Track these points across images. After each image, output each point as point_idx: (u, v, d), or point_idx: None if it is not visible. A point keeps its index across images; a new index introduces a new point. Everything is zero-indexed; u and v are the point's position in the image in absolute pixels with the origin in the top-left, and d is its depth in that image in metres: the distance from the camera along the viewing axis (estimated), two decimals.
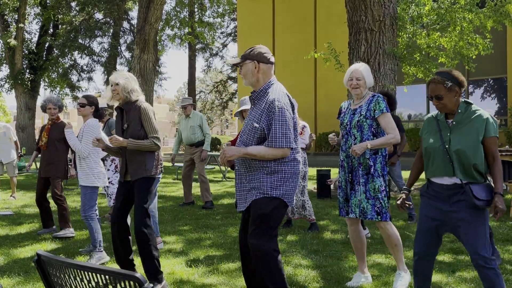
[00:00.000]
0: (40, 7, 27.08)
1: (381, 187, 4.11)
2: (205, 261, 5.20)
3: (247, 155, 3.35)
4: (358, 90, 4.23)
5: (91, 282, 1.81)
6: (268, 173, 3.37)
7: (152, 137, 4.26)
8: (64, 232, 6.41)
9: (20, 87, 25.61)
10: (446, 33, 10.96)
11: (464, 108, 3.26)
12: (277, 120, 3.32)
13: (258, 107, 3.43)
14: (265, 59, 3.47)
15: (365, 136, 4.14)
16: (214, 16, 25.61)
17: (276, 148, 3.32)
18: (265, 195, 3.35)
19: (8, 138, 10.03)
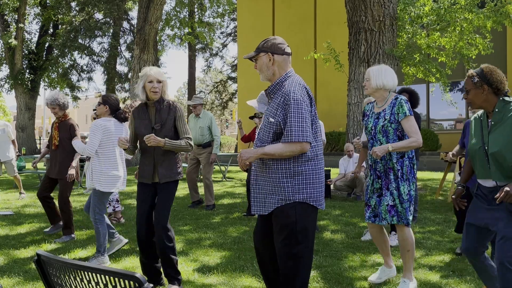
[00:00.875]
0: (40, 7, 27.09)
1: (407, 190, 4.05)
2: (205, 261, 5.20)
3: (265, 155, 3.09)
4: (366, 91, 4.23)
5: (91, 282, 1.81)
6: (288, 176, 3.10)
7: (186, 138, 4.22)
8: (64, 240, 6.23)
9: (20, 87, 25.62)
10: (446, 33, 10.97)
11: (502, 106, 3.13)
12: (293, 112, 3.03)
13: (274, 101, 3.18)
14: (279, 50, 3.20)
15: (391, 141, 4.07)
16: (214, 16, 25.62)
17: (293, 143, 3.03)
18: (288, 201, 3.10)
19: (7, 136, 10.02)
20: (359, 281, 4.46)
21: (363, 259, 5.21)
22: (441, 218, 7.51)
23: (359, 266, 4.97)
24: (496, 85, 3.14)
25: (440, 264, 4.99)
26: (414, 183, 4.12)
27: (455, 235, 6.30)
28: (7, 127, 10.08)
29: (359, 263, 5.09)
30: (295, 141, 3.03)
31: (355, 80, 10.76)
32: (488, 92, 3.14)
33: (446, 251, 5.49)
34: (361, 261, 5.16)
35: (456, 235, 6.24)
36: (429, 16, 10.81)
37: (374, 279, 4.36)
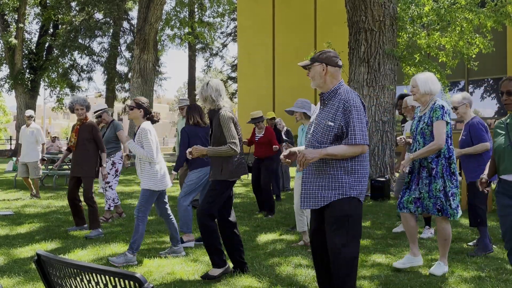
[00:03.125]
0: (40, 7, 27.09)
1: (440, 187, 4.49)
2: (205, 261, 5.19)
3: (328, 155, 3.39)
4: (415, 96, 4.72)
5: (91, 282, 1.81)
6: (346, 173, 3.44)
7: (229, 143, 4.50)
8: (97, 234, 6.43)
9: (20, 87, 25.62)
10: (446, 33, 10.97)
11: None
12: (355, 118, 3.41)
13: (330, 107, 3.51)
14: (333, 62, 3.57)
15: (427, 142, 4.55)
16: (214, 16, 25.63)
17: (355, 145, 3.39)
18: (345, 195, 3.42)
19: (34, 139, 10.10)
20: (359, 281, 4.45)
21: (363, 259, 5.21)
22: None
23: (359, 266, 4.96)
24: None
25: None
26: (453, 180, 4.56)
27: (455, 235, 6.29)
28: (37, 131, 10.19)
29: (359, 263, 5.09)
30: (358, 143, 3.40)
31: (355, 80, 10.76)
32: None
33: None
34: (361, 261, 5.16)
35: (456, 235, 6.23)
36: (429, 16, 10.80)
37: (399, 265, 4.74)
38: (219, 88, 4.66)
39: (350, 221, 3.43)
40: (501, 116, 19.14)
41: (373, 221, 7.39)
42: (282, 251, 5.61)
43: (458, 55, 11.48)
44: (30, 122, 10.26)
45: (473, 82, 19.62)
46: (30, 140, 10.10)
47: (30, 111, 10.55)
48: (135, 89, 18.53)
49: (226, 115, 4.56)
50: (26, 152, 10.13)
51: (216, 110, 4.65)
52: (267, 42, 23.04)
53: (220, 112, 4.59)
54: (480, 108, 18.16)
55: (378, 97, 10.50)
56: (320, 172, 3.48)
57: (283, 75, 22.23)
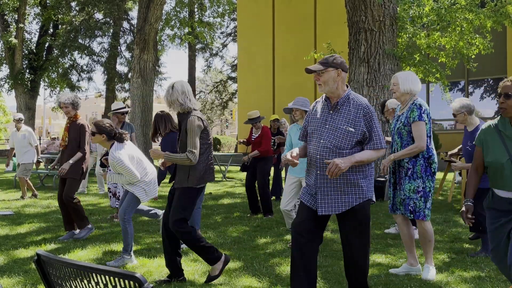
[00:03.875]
0: (40, 7, 27.07)
1: (418, 188, 4.43)
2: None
3: (357, 162, 3.48)
4: (395, 95, 4.66)
5: (91, 282, 1.81)
6: (363, 177, 3.57)
7: (188, 152, 4.33)
8: (85, 233, 6.27)
9: (20, 87, 25.61)
10: (446, 33, 10.96)
11: None
12: (375, 123, 3.56)
13: (345, 113, 3.57)
14: (346, 68, 3.65)
15: (405, 142, 4.50)
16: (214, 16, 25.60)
17: (380, 150, 3.55)
18: (365, 199, 3.58)
19: (27, 142, 10.05)
20: None
21: None
22: (441, 218, 7.51)
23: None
24: None
25: (440, 264, 4.98)
26: (430, 181, 4.46)
27: (455, 235, 6.30)
28: (29, 134, 10.12)
29: None
30: (381, 147, 3.56)
31: (355, 80, 10.76)
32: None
33: (446, 251, 5.49)
34: None
35: (456, 235, 6.23)
36: (429, 16, 10.80)
37: (394, 271, 4.73)
38: (185, 90, 4.41)
39: (367, 222, 3.65)
40: None
41: (373, 221, 7.39)
42: (282, 251, 5.61)
43: (458, 56, 11.47)
44: (20, 125, 10.17)
45: (473, 82, 19.62)
46: (22, 144, 10.02)
47: (19, 114, 10.47)
48: (135, 89, 18.52)
49: (195, 123, 4.33)
50: (21, 154, 10.06)
51: (185, 113, 4.42)
52: (267, 42, 23.03)
53: (189, 116, 4.38)
54: (480, 108, 18.15)
55: (378, 97, 10.50)
56: (340, 178, 3.52)
57: (283, 75, 22.22)
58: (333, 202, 3.55)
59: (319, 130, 3.61)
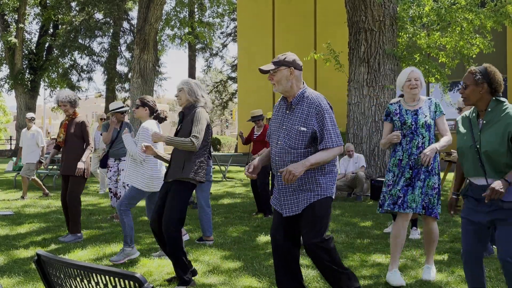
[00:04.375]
0: (40, 7, 27.08)
1: (435, 184, 4.37)
2: (205, 261, 5.20)
3: (313, 165, 3.39)
4: (416, 91, 4.45)
5: (91, 282, 1.81)
6: (322, 174, 3.48)
7: (192, 136, 4.31)
8: (72, 239, 6.16)
9: (20, 87, 25.62)
10: (446, 33, 10.96)
11: (494, 106, 3.17)
12: (329, 121, 3.45)
13: (299, 112, 3.49)
14: (298, 66, 3.56)
15: (431, 135, 4.44)
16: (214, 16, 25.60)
17: (334, 148, 3.43)
18: (323, 196, 3.48)
19: (35, 141, 10.12)
20: (359, 281, 4.45)
21: (363, 259, 5.21)
22: (441, 218, 7.50)
23: (359, 266, 4.96)
24: (495, 85, 3.18)
25: (440, 264, 4.98)
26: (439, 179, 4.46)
27: (455, 235, 6.30)
28: (37, 134, 10.19)
29: (359, 263, 5.09)
30: (333, 146, 3.44)
31: (355, 80, 10.76)
32: (486, 91, 3.17)
33: (446, 251, 5.49)
34: (361, 261, 5.16)
35: (456, 235, 6.23)
36: (429, 16, 10.80)
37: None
38: (203, 87, 4.63)
39: (326, 220, 3.52)
40: None
41: (373, 221, 7.39)
42: None
43: (458, 56, 11.48)
44: (31, 124, 10.27)
45: None
46: (30, 143, 10.12)
47: (32, 114, 10.59)
48: (135, 89, 18.52)
49: (203, 114, 4.43)
50: (26, 153, 10.16)
51: (192, 106, 4.50)
52: (267, 42, 23.04)
53: (197, 108, 4.46)
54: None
55: (378, 97, 10.51)
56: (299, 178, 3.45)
57: None
58: (294, 202, 3.50)
59: (277, 131, 3.57)
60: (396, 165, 4.42)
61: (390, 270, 4.37)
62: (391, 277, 4.32)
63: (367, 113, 10.61)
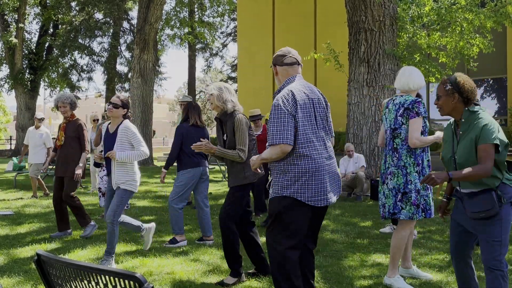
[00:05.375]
0: (40, 7, 27.08)
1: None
2: (205, 261, 5.20)
3: (263, 160, 3.42)
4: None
5: (91, 282, 1.81)
6: (280, 172, 3.37)
7: (239, 149, 4.49)
8: (90, 231, 6.30)
9: (20, 87, 25.62)
10: (447, 33, 10.96)
11: (467, 116, 3.18)
12: (272, 117, 3.29)
13: None
14: (278, 61, 3.51)
15: None
16: (214, 16, 25.61)
17: (273, 146, 3.26)
18: (277, 194, 3.37)
19: (42, 141, 10.10)
20: (359, 281, 4.46)
21: (363, 259, 5.21)
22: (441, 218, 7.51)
23: (359, 266, 4.97)
24: (466, 94, 3.16)
25: (440, 264, 4.98)
26: None
27: None
28: (46, 135, 10.17)
29: (359, 263, 5.09)
30: (274, 143, 3.26)
31: (355, 80, 10.76)
32: (458, 101, 3.17)
33: (446, 251, 5.48)
34: (361, 261, 5.16)
35: None
36: (429, 16, 10.80)
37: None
38: (232, 91, 4.68)
39: (280, 219, 3.35)
40: (501, 116, 19.16)
41: (373, 221, 7.39)
42: None
43: (458, 55, 11.48)
44: (40, 125, 10.27)
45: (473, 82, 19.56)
46: (38, 142, 10.10)
47: (41, 114, 10.60)
48: (135, 89, 18.53)
49: (243, 121, 4.53)
50: (34, 153, 10.13)
51: (229, 113, 4.58)
52: (267, 42, 23.04)
53: (235, 115, 4.55)
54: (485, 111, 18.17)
55: (378, 97, 10.51)
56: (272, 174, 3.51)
57: None
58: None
59: None
60: (428, 166, 4.32)
61: (392, 276, 4.31)
62: (398, 282, 4.28)
63: (367, 113, 10.61)
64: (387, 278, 4.32)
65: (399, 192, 4.23)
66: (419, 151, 4.21)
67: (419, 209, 4.22)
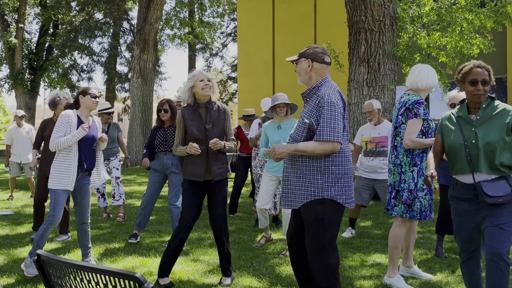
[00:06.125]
0: (40, 7, 27.08)
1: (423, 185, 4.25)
2: (205, 261, 5.20)
3: (297, 151, 3.30)
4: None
5: (91, 282, 1.81)
6: (319, 172, 3.29)
7: (231, 139, 4.48)
8: (66, 238, 6.23)
9: (20, 87, 25.61)
10: (447, 33, 10.96)
11: (487, 103, 3.25)
12: (326, 114, 3.27)
13: (309, 104, 3.41)
14: (319, 59, 3.46)
15: None
16: (214, 16, 25.61)
17: (324, 142, 3.24)
18: (319, 197, 3.28)
19: (29, 139, 9.90)
20: (359, 281, 4.46)
21: (363, 259, 5.21)
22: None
23: (359, 266, 4.97)
24: (491, 83, 3.28)
25: (440, 264, 4.99)
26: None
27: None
28: (32, 131, 10.02)
29: (359, 263, 5.09)
30: (326, 140, 3.24)
31: (355, 80, 10.76)
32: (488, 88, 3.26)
33: (446, 251, 5.48)
34: (361, 261, 5.16)
35: None
36: (429, 16, 10.80)
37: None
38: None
39: (323, 224, 3.27)
40: None
41: (373, 221, 7.39)
42: (282, 251, 5.61)
43: (459, 55, 11.47)
44: (22, 122, 10.06)
45: None
46: (26, 140, 9.92)
47: (21, 111, 10.37)
48: (135, 89, 18.53)
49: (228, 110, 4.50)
50: (24, 152, 9.93)
51: (213, 102, 4.45)
52: (267, 42, 23.04)
53: (224, 106, 4.51)
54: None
55: (378, 97, 10.50)
56: (296, 171, 3.37)
57: (283, 75, 22.22)
58: (291, 196, 3.41)
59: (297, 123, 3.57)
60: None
61: (392, 275, 4.32)
62: (398, 282, 4.28)
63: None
64: (387, 278, 4.32)
65: (394, 189, 4.27)
66: (417, 152, 4.19)
67: (410, 209, 4.23)
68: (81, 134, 4.65)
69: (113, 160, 7.66)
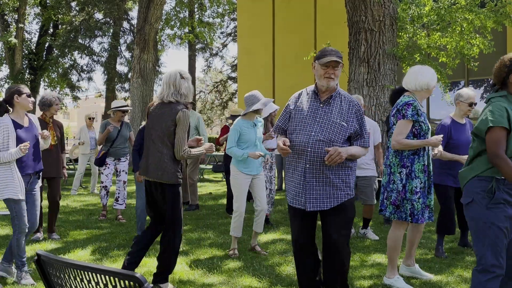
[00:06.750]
0: (40, 7, 27.07)
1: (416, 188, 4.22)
2: (205, 261, 5.19)
3: (350, 155, 3.50)
4: None
5: (91, 282, 1.81)
6: (352, 173, 3.60)
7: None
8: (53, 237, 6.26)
9: None
10: (447, 33, 10.96)
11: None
12: (365, 122, 3.63)
13: (336, 107, 3.57)
14: None
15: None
16: (214, 16, 25.60)
17: (367, 148, 3.61)
18: (352, 196, 3.60)
19: None
20: (359, 281, 4.46)
21: (363, 259, 5.21)
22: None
23: (359, 266, 4.97)
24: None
25: (440, 264, 4.98)
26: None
27: (455, 235, 6.29)
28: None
29: (359, 263, 5.09)
30: (368, 146, 3.62)
31: (355, 80, 10.76)
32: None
33: (446, 251, 5.48)
34: (361, 261, 5.16)
35: (456, 235, 6.23)
36: (429, 16, 10.80)
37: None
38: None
39: (352, 223, 3.70)
40: None
41: (373, 221, 7.39)
42: (282, 251, 5.61)
43: (459, 55, 11.47)
44: None
45: (473, 82, 19.61)
46: None
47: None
48: (135, 89, 18.52)
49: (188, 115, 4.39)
50: None
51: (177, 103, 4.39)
52: (267, 42, 23.04)
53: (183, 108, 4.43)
54: (480, 108, 18.14)
55: (378, 97, 10.50)
56: (328, 172, 3.48)
57: (283, 75, 22.22)
58: (321, 197, 3.50)
59: (308, 123, 3.55)
60: (423, 171, 4.21)
61: (391, 276, 4.32)
62: (397, 282, 4.27)
63: (367, 113, 10.60)
64: (386, 278, 4.32)
65: (385, 190, 4.30)
66: (407, 153, 4.16)
67: (398, 210, 4.23)
68: (19, 155, 4.40)
69: (123, 162, 7.64)
